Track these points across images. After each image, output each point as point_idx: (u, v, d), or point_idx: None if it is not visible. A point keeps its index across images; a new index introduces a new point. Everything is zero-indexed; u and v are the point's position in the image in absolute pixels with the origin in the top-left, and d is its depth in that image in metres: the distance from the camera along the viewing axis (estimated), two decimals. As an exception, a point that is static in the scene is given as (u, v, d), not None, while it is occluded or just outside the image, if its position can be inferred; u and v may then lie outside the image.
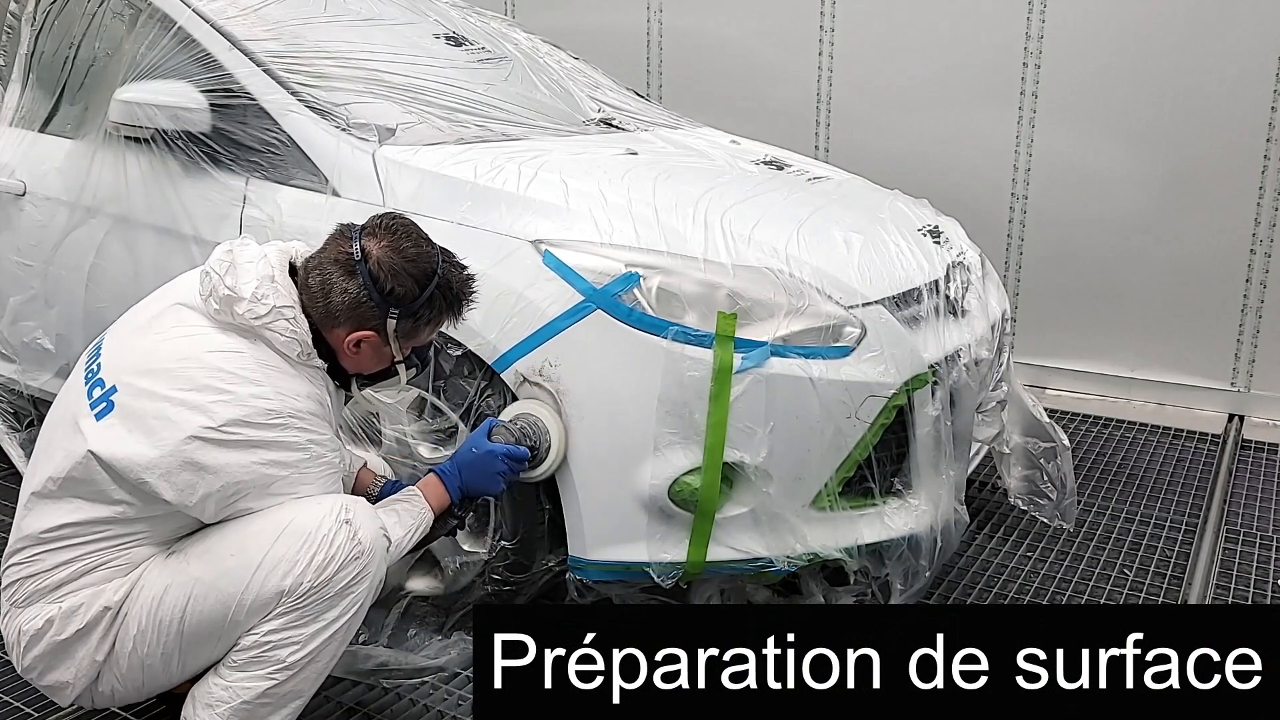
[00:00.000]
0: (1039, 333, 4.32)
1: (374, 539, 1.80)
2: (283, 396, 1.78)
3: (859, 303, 2.29)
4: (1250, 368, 4.09)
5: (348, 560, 1.76)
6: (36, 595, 1.82)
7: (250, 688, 1.77)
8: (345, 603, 1.78)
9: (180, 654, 1.80)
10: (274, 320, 1.81)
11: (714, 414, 2.13)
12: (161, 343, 1.82)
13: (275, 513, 1.78)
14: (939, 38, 4.32)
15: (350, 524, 1.78)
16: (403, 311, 1.86)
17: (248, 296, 1.80)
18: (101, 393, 1.79)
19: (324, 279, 1.85)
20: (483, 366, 2.24)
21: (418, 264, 1.86)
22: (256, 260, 1.86)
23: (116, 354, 1.85)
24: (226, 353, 1.79)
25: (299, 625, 1.76)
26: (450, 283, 1.91)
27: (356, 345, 1.88)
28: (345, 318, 1.86)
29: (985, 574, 2.85)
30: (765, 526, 2.21)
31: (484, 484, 2.06)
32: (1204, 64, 3.94)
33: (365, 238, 1.86)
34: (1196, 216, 4.06)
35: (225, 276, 1.82)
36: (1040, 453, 2.84)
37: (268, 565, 1.74)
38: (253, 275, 1.83)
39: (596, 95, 3.32)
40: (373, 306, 1.85)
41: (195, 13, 2.75)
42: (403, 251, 1.86)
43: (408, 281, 1.85)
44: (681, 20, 4.81)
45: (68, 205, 2.86)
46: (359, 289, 1.84)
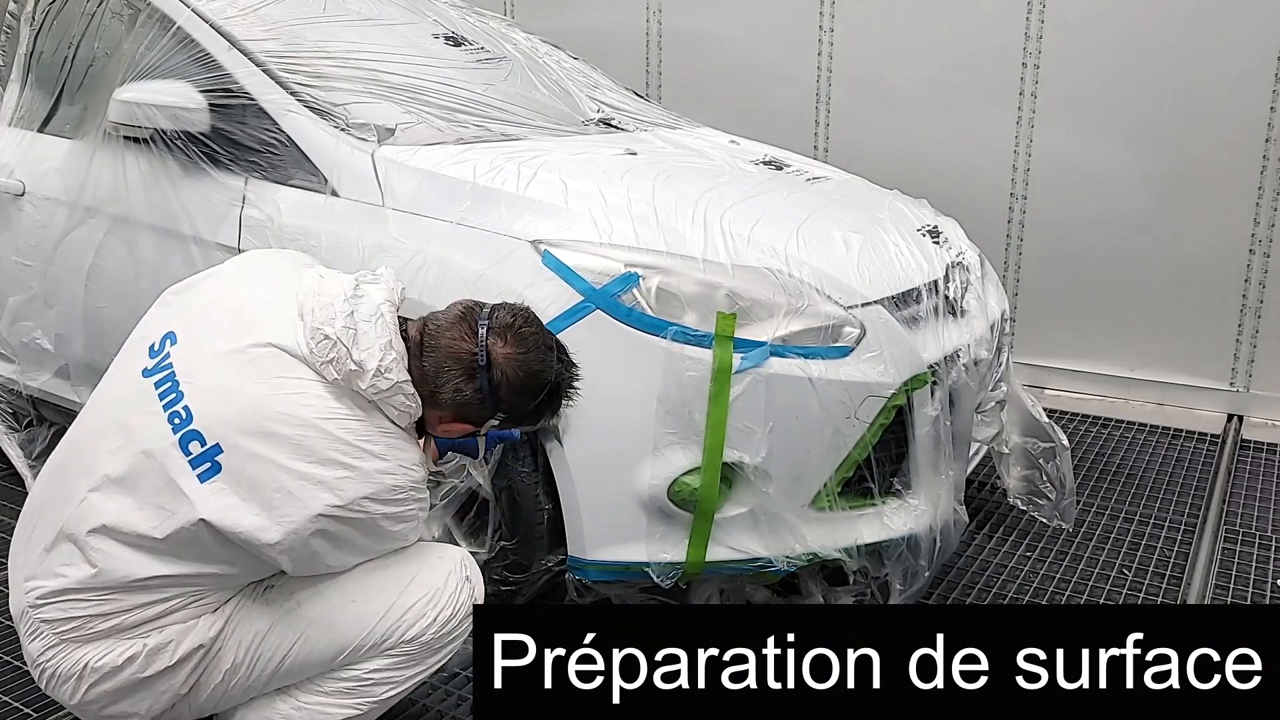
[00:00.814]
0: (1038, 333, 4.33)
1: (483, 593, 1.87)
2: (404, 470, 1.73)
3: (858, 303, 2.29)
4: (1249, 368, 4.09)
5: (466, 616, 1.81)
6: (110, 632, 1.71)
7: (329, 714, 1.79)
8: (447, 650, 1.84)
9: (264, 686, 1.80)
10: (394, 394, 1.73)
11: (713, 414, 2.13)
12: (270, 399, 1.68)
13: (399, 563, 1.81)
14: (938, 38, 4.32)
15: (470, 580, 1.84)
16: (508, 418, 1.83)
17: (372, 370, 1.70)
18: (201, 450, 1.65)
19: (439, 369, 1.76)
20: (482, 366, 2.24)
21: (539, 379, 1.80)
22: (373, 320, 1.73)
23: (209, 396, 1.69)
24: (345, 420, 1.69)
25: (404, 668, 1.80)
26: (560, 390, 1.85)
27: (450, 425, 1.84)
28: (449, 409, 1.79)
29: (985, 574, 2.85)
30: (764, 527, 2.21)
31: (469, 445, 2.04)
32: (1203, 64, 3.94)
33: (492, 338, 1.76)
34: (1196, 216, 4.06)
35: (353, 349, 1.69)
36: (1039, 453, 2.84)
37: (394, 615, 1.77)
38: (374, 342, 1.71)
39: (596, 95, 3.32)
40: (481, 409, 1.80)
41: (194, 13, 2.75)
42: (527, 365, 1.78)
43: (524, 397, 1.79)
44: (681, 20, 4.81)
45: (67, 205, 2.86)
46: (474, 393, 1.77)
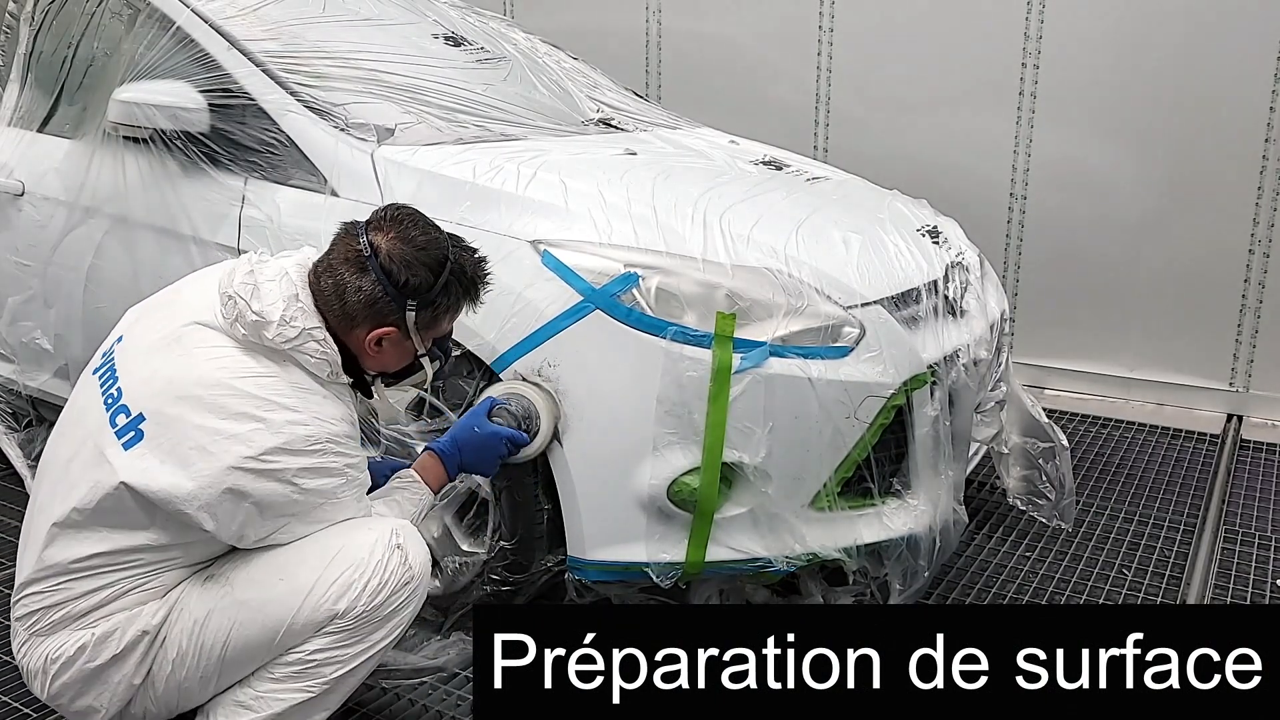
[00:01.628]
0: (1038, 333, 4.32)
1: (424, 565, 1.83)
2: (319, 421, 1.76)
3: (858, 303, 2.28)
4: (1249, 368, 4.09)
5: (399, 585, 1.78)
6: (64, 622, 1.79)
7: (283, 699, 1.78)
8: (392, 624, 1.81)
9: (219, 675, 1.80)
10: (304, 342, 1.78)
11: (713, 414, 2.13)
12: (189, 367, 1.76)
13: (323, 538, 1.78)
14: (938, 38, 4.32)
15: (402, 549, 1.80)
16: (420, 301, 1.83)
17: (276, 320, 1.76)
18: (127, 420, 1.74)
19: (336, 281, 1.81)
20: (482, 367, 2.24)
21: (429, 251, 1.83)
22: (278, 279, 1.81)
23: (138, 377, 1.79)
24: (259, 378, 1.75)
25: (346, 645, 1.78)
26: (464, 267, 1.88)
27: (378, 343, 1.85)
28: (363, 317, 1.82)
29: (985, 574, 2.85)
30: (764, 527, 2.21)
31: (483, 465, 2.06)
32: (1204, 64, 3.94)
33: (372, 232, 1.83)
34: (1196, 217, 4.06)
35: (252, 301, 1.77)
36: (1039, 453, 2.84)
37: (320, 590, 1.75)
38: (278, 296, 1.78)
39: (595, 95, 3.32)
40: (389, 301, 1.81)
41: (194, 13, 2.75)
42: (412, 240, 1.82)
43: (421, 271, 1.81)
44: (681, 20, 4.81)
45: (66, 205, 2.86)
46: (373, 285, 1.80)
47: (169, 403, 1.73)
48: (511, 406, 2.11)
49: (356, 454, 1.83)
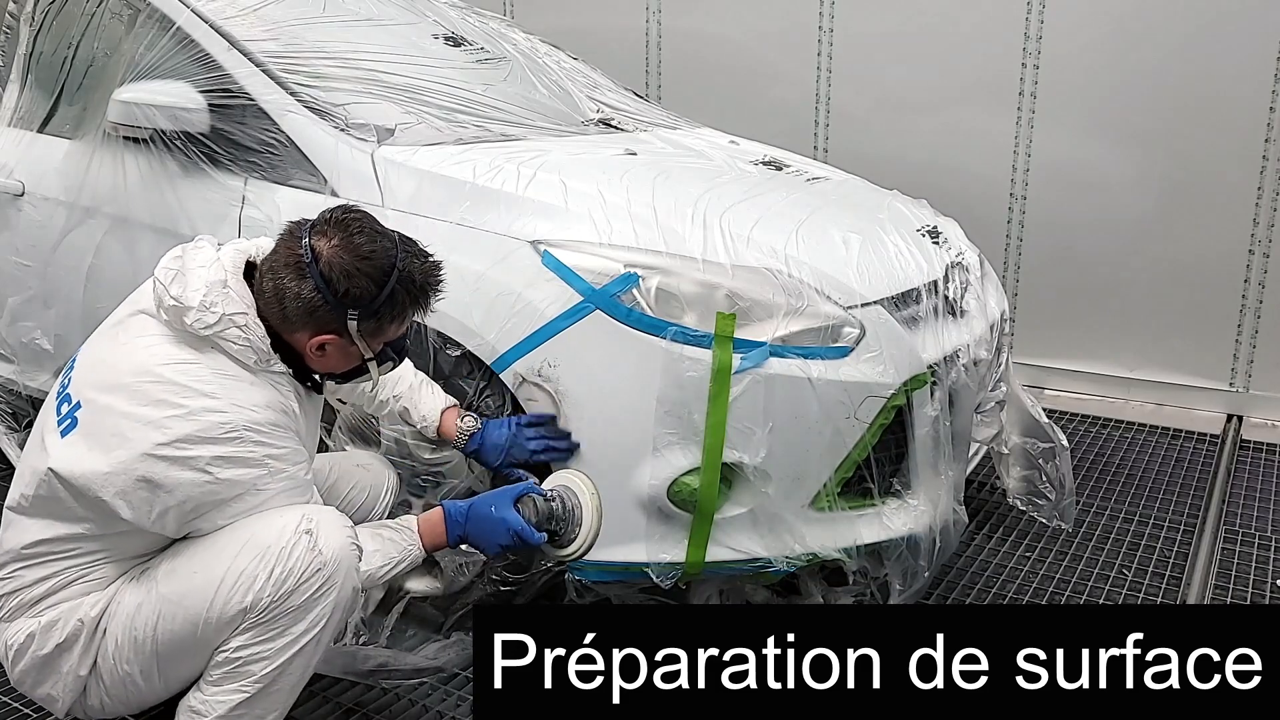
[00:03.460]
0: (1038, 333, 4.32)
1: (338, 549, 1.75)
2: (238, 408, 1.72)
3: (858, 303, 2.28)
4: (1249, 368, 4.09)
5: (308, 572, 1.72)
6: (20, 610, 1.81)
7: (224, 701, 1.76)
8: (313, 615, 1.74)
9: (159, 670, 1.79)
10: (225, 329, 1.75)
11: (713, 414, 2.13)
12: (122, 356, 1.77)
13: (238, 528, 1.75)
14: (938, 38, 4.32)
15: (311, 534, 1.73)
16: (362, 312, 1.78)
17: (195, 305, 1.73)
18: (69, 409, 1.76)
19: (276, 284, 1.77)
20: (481, 367, 2.24)
21: (373, 261, 1.76)
22: (208, 265, 1.78)
23: (84, 367, 1.81)
24: (180, 365, 1.73)
25: (266, 640, 1.73)
26: (412, 276, 1.81)
27: (320, 349, 1.81)
28: (302, 323, 1.78)
29: (985, 574, 2.85)
30: (764, 527, 2.21)
31: (484, 545, 1.96)
32: (1204, 64, 3.94)
33: (315, 236, 1.77)
34: (1195, 217, 4.06)
35: (171, 285, 1.74)
36: (1039, 453, 2.84)
37: (229, 582, 1.71)
38: (202, 282, 1.75)
39: (595, 95, 3.32)
40: (329, 310, 1.76)
41: (194, 13, 2.75)
42: (356, 249, 1.76)
43: (363, 281, 1.76)
44: (681, 20, 4.81)
45: (66, 205, 2.86)
46: (312, 292, 1.75)
47: (102, 390, 1.73)
48: (539, 501, 2.01)
49: (282, 445, 1.77)
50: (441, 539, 1.95)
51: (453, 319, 2.22)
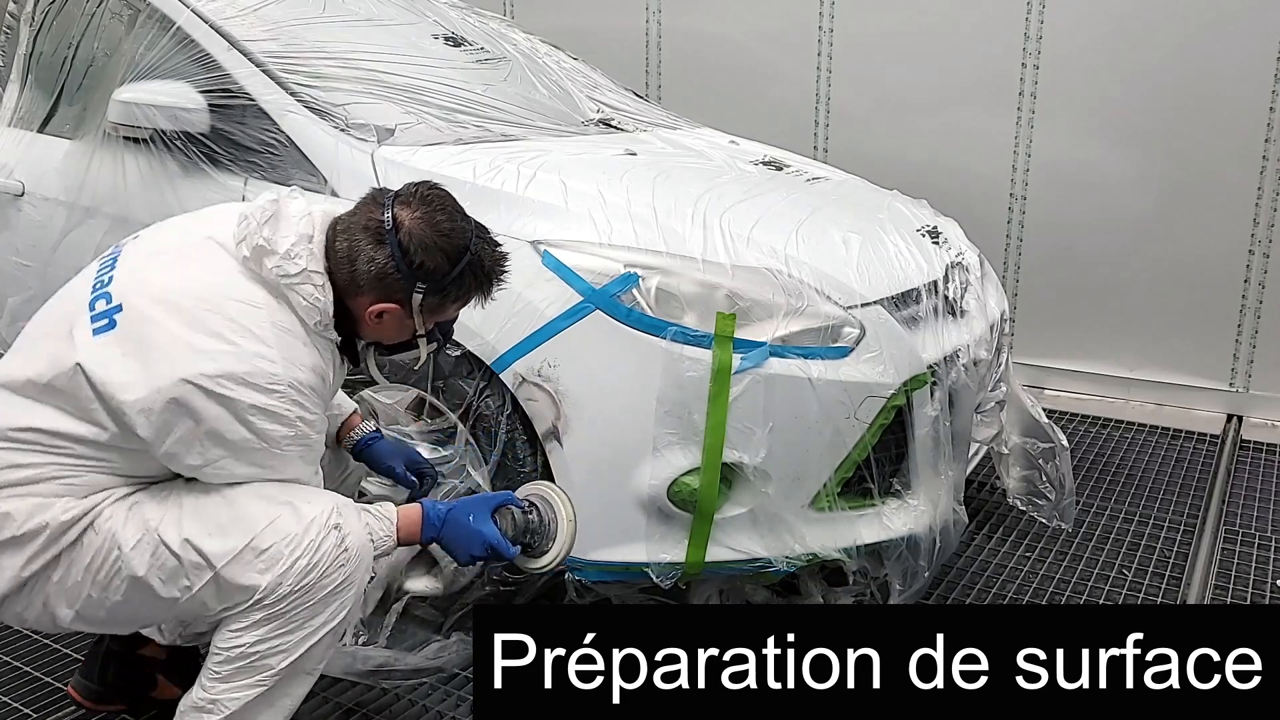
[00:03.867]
0: (1038, 333, 4.32)
1: (361, 546, 1.75)
2: (289, 364, 1.70)
3: (858, 303, 2.29)
4: (1249, 368, 4.09)
5: (333, 567, 1.71)
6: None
7: (238, 697, 1.73)
8: (333, 608, 1.74)
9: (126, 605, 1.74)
10: (301, 283, 1.73)
11: (713, 414, 2.13)
12: (186, 277, 1.73)
13: (260, 501, 1.72)
14: (938, 38, 4.32)
15: (340, 529, 1.73)
16: (430, 287, 1.78)
17: (281, 252, 1.72)
18: (106, 307, 1.71)
19: (351, 244, 1.77)
20: (481, 367, 2.24)
21: (451, 239, 1.78)
22: (299, 216, 1.78)
23: (132, 273, 1.76)
24: (245, 305, 1.71)
25: (286, 632, 1.71)
26: (483, 261, 1.83)
27: (379, 316, 1.80)
28: (369, 287, 1.78)
29: (985, 574, 2.85)
30: (764, 527, 2.21)
31: (455, 552, 1.92)
32: (1204, 63, 3.94)
33: (398, 205, 1.78)
34: (1195, 217, 4.06)
35: (264, 226, 1.74)
36: (1039, 453, 2.84)
37: (247, 556, 1.68)
38: (293, 231, 1.75)
39: (595, 95, 3.32)
40: (399, 279, 1.77)
41: (194, 13, 2.75)
42: (436, 224, 1.78)
43: (438, 256, 1.77)
44: (681, 20, 4.81)
45: (66, 205, 2.86)
46: (386, 259, 1.75)
47: (151, 303, 1.69)
48: (517, 514, 1.96)
49: (315, 412, 1.76)
50: (415, 536, 1.91)
51: (453, 319, 2.22)
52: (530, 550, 1.98)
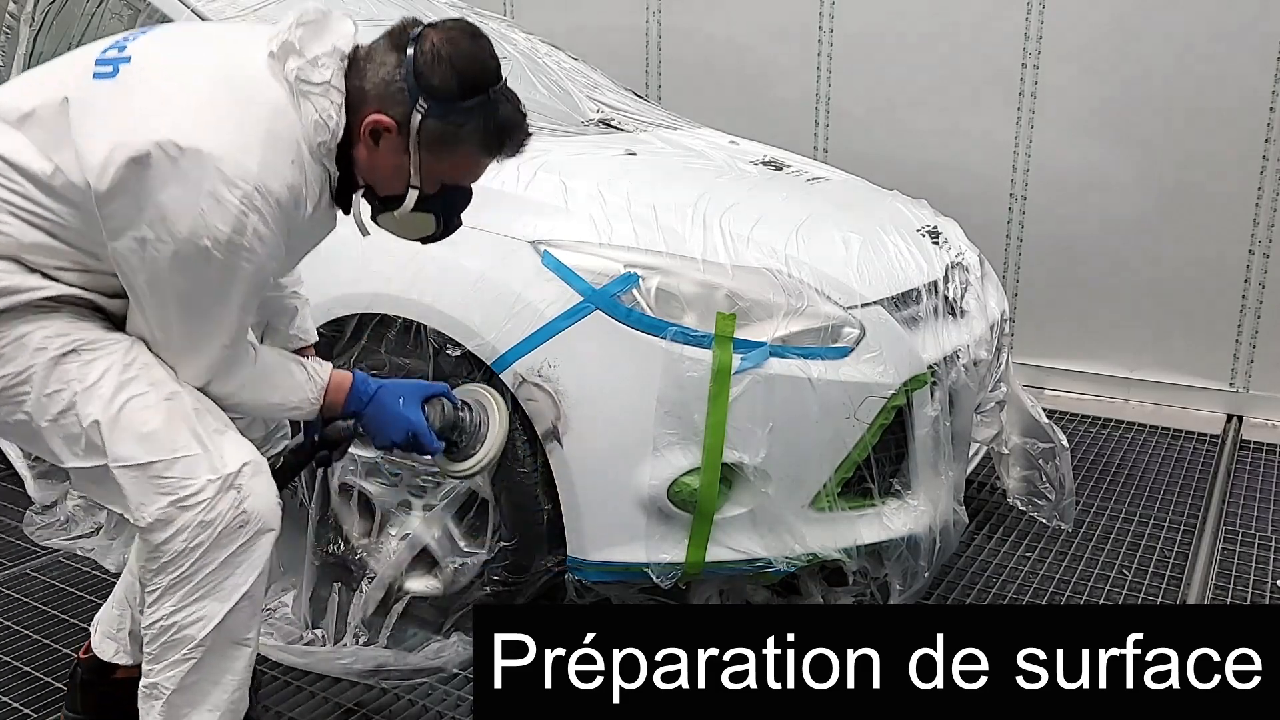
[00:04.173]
0: (1038, 333, 4.33)
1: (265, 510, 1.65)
2: (264, 167, 1.56)
3: (858, 303, 2.29)
4: (1249, 368, 4.09)
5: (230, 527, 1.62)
6: None
7: (172, 675, 1.65)
8: (242, 569, 1.64)
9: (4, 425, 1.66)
10: (319, 95, 1.62)
11: (713, 414, 2.13)
12: (211, 52, 1.66)
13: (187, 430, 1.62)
14: (938, 38, 4.32)
15: (240, 490, 1.62)
16: (431, 107, 1.63)
17: (308, 57, 1.61)
18: (116, 56, 1.62)
19: (369, 52, 1.67)
20: (482, 367, 2.24)
21: (469, 62, 1.65)
22: (342, 35, 1.67)
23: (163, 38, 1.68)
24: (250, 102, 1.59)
25: (197, 599, 1.63)
26: (499, 110, 1.68)
27: (374, 135, 1.65)
28: (372, 96, 1.64)
29: (985, 574, 2.85)
30: (764, 527, 2.21)
31: (375, 434, 1.83)
32: (1203, 64, 3.94)
33: (432, 26, 1.66)
34: (1195, 217, 4.06)
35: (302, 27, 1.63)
36: (1039, 453, 2.84)
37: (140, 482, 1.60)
38: (330, 44, 1.64)
39: (595, 96, 3.32)
40: (402, 89, 1.62)
41: (194, 13, 2.75)
42: (458, 44, 1.65)
43: (449, 75, 1.63)
44: (681, 20, 4.81)
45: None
46: (395, 65, 1.63)
47: (161, 66, 1.62)
48: (448, 407, 1.89)
49: (273, 229, 1.58)
50: (338, 407, 1.83)
51: (453, 319, 2.22)
52: (454, 450, 1.91)
